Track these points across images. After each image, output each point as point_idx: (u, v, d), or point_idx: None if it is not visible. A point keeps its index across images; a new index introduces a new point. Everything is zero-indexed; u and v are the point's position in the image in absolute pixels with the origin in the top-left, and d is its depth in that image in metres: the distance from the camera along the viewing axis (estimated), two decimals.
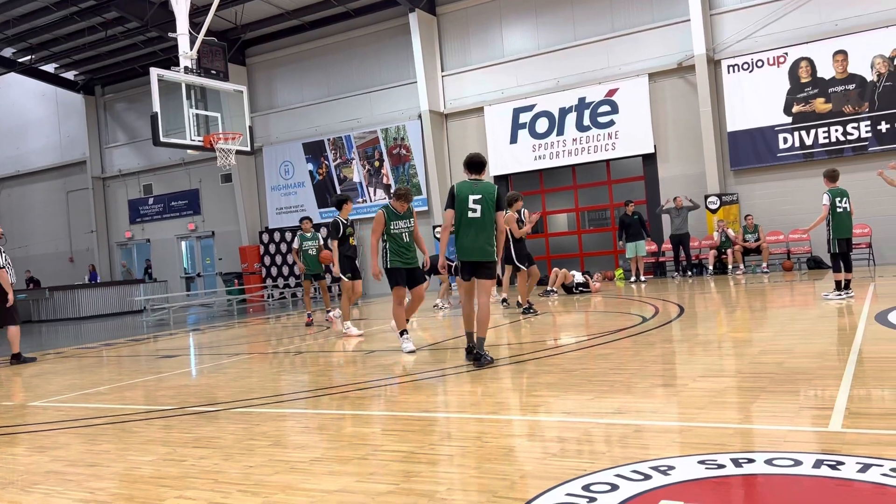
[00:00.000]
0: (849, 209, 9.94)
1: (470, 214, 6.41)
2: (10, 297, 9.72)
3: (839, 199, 9.88)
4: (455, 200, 6.46)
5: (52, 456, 4.38)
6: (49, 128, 27.95)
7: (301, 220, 12.62)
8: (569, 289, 14.48)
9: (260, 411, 5.31)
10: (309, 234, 12.28)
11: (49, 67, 25.50)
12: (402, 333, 7.70)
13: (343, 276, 10.31)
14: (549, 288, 14.36)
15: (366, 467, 3.57)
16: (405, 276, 7.70)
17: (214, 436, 4.58)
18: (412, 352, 7.50)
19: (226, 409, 5.50)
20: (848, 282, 9.88)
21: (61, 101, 27.31)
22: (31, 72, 25.29)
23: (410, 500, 3.02)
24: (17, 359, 9.92)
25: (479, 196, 6.42)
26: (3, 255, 9.75)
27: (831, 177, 10.02)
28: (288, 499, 3.19)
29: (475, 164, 6.55)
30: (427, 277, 8.58)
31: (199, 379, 7.54)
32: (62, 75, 26.06)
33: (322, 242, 12.66)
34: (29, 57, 24.27)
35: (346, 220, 10.34)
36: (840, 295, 9.65)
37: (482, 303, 6.52)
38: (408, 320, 7.92)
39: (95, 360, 9.86)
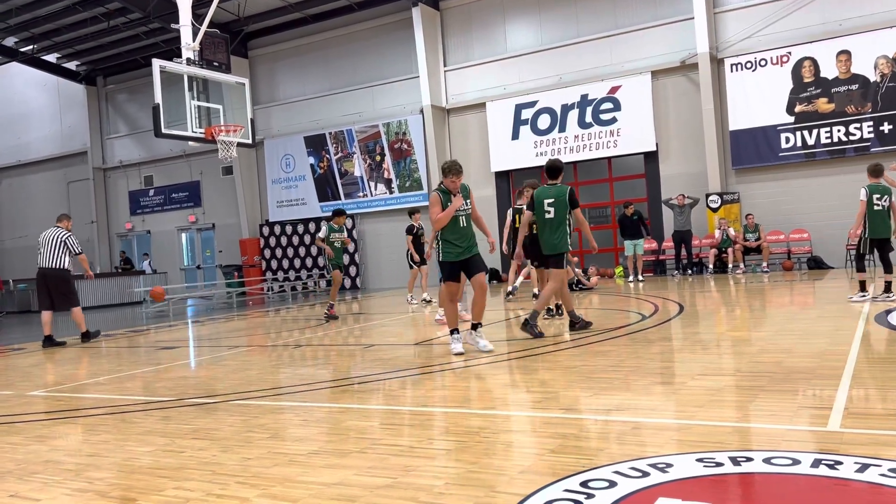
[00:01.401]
0: (887, 207, 9.20)
1: (546, 215, 7.70)
2: (90, 276, 11.26)
3: (878, 196, 9.17)
4: (534, 204, 7.85)
5: (50, 445, 4.38)
6: (51, 118, 27.92)
7: (337, 212, 12.10)
8: (569, 285, 14.38)
9: (259, 404, 5.32)
10: (337, 227, 11.92)
11: (51, 57, 25.46)
12: (452, 332, 6.96)
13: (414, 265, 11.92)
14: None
15: (364, 461, 3.57)
16: (460, 268, 6.96)
17: (213, 427, 4.58)
18: (460, 353, 6.74)
19: (224, 401, 5.51)
20: (889, 284, 9.23)
21: (63, 91, 27.28)
22: (34, 62, 25.25)
23: (409, 494, 3.03)
24: (86, 336, 10.97)
25: (553, 199, 7.68)
26: (76, 241, 10.87)
27: (874, 171, 9.33)
28: (286, 491, 3.19)
29: (552, 169, 7.81)
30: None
31: (197, 371, 7.55)
32: (64, 65, 26.02)
33: (347, 235, 12.72)
34: (31, 46, 24.24)
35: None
36: (865, 296, 9.14)
37: (549, 287, 7.93)
38: (478, 325, 7.01)
39: (95, 351, 9.87)
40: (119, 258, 26.16)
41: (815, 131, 16.41)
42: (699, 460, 3.18)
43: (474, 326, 7.00)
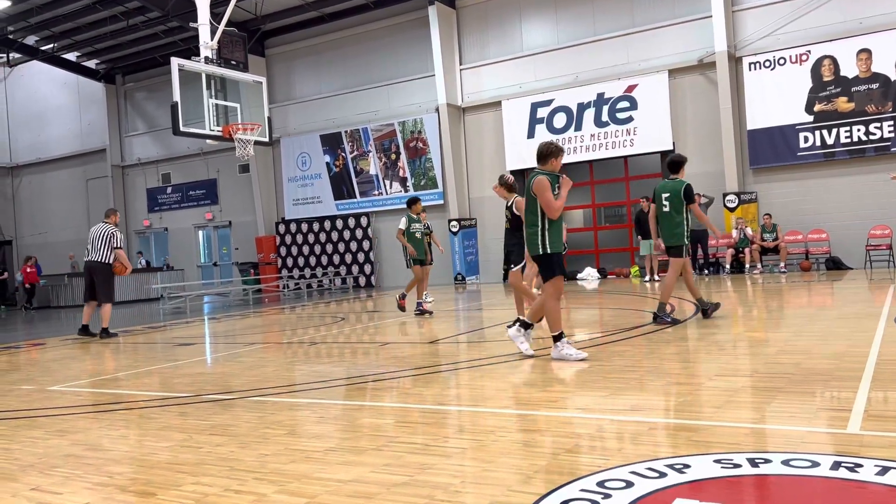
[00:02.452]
0: None
1: (663, 209, 8.11)
2: (126, 271, 11.27)
3: None
4: (654, 198, 8.25)
5: (71, 440, 4.44)
6: (70, 116, 28.21)
7: (412, 200, 11.42)
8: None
9: (275, 400, 5.35)
10: (416, 216, 11.30)
11: (71, 56, 25.73)
12: (559, 337, 6.17)
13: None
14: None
15: (380, 458, 3.59)
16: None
17: (230, 424, 4.61)
18: (584, 359, 6.04)
19: (241, 397, 5.54)
20: None
21: (83, 89, 27.55)
22: (54, 60, 25.53)
23: (425, 492, 3.04)
24: (105, 333, 11.01)
25: (669, 193, 8.07)
26: (120, 235, 11.25)
27: None
28: (303, 487, 3.21)
29: (673, 164, 8.27)
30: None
31: (214, 367, 7.60)
32: (84, 64, 26.28)
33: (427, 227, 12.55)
34: (51, 45, 24.50)
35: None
36: None
37: (669, 276, 8.26)
38: (532, 325, 6.49)
39: (113, 347, 9.97)
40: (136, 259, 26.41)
41: (834, 131, 16.24)
42: (716, 461, 3.17)
43: (528, 325, 6.48)
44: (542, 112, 19.40)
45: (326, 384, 6.00)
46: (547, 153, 6.26)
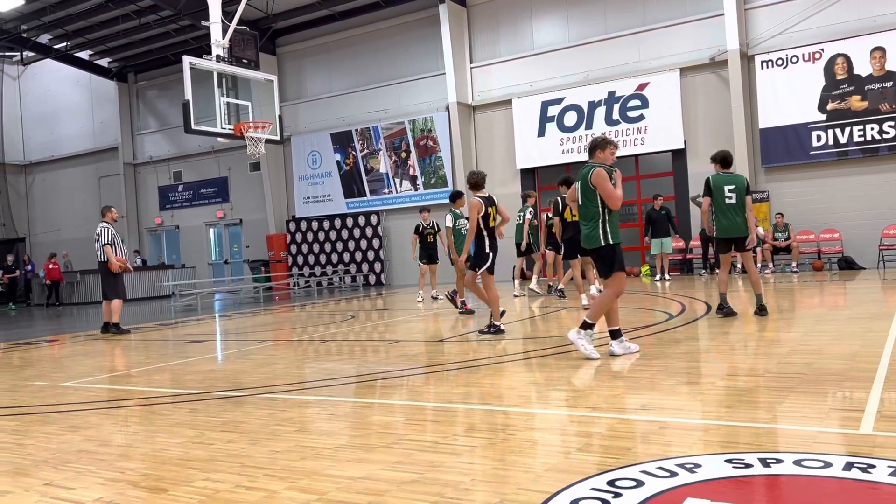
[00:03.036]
0: None
1: (727, 201, 8.25)
2: (113, 266, 11.08)
3: None
4: (712, 190, 8.35)
5: (83, 435, 4.47)
6: (83, 114, 28.39)
7: (456, 194, 11.17)
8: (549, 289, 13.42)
9: (285, 397, 5.37)
10: (458, 212, 11.16)
11: (84, 54, 25.88)
12: (588, 326, 6.08)
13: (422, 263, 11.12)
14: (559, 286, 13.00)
15: (391, 456, 3.60)
16: None
17: (241, 420, 4.64)
18: (591, 358, 5.99)
19: (252, 394, 5.57)
20: None
21: (95, 87, 27.72)
22: (67, 58, 25.69)
23: (435, 490, 3.04)
24: (116, 328, 11.11)
25: (734, 186, 8.29)
26: (111, 232, 11.15)
27: None
28: (314, 484, 3.23)
29: (726, 160, 8.52)
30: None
31: (225, 364, 7.64)
32: (96, 62, 26.43)
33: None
34: (65, 44, 24.65)
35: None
36: None
37: (750, 268, 8.48)
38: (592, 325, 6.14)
39: (124, 343, 10.03)
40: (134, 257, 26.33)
41: (847, 129, 16.12)
42: (728, 461, 3.15)
43: (590, 326, 6.15)
44: (553, 110, 19.35)
45: (336, 382, 6.01)
46: (594, 146, 6.29)
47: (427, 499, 2.94)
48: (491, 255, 8.25)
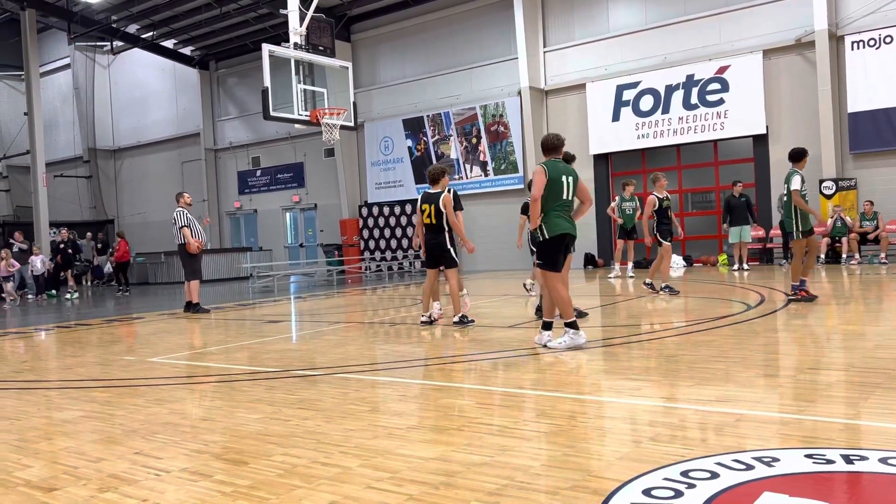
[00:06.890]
0: None
1: (783, 198, 8.84)
2: (191, 248, 11.49)
3: None
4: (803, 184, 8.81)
5: (169, 408, 4.70)
6: (167, 101, 29.50)
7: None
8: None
9: (358, 378, 5.50)
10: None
11: (168, 43, 26.84)
12: (547, 327, 6.48)
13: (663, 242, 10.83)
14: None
15: (461, 438, 3.64)
16: None
17: (316, 399, 4.78)
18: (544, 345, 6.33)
19: (326, 374, 5.72)
20: None
21: (179, 75, 28.73)
22: (153, 47, 26.71)
23: (506, 473, 3.07)
24: (196, 307, 11.55)
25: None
26: (187, 215, 11.56)
27: None
28: (386, 462, 3.30)
29: (796, 154, 8.85)
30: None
31: (300, 344, 7.86)
32: (180, 51, 27.39)
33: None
34: (151, 33, 25.64)
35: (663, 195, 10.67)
36: None
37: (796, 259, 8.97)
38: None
39: (205, 322, 10.44)
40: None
41: None
42: (808, 456, 3.06)
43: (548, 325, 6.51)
44: (629, 94, 18.94)
45: (407, 364, 6.11)
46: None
47: (497, 482, 2.97)
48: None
